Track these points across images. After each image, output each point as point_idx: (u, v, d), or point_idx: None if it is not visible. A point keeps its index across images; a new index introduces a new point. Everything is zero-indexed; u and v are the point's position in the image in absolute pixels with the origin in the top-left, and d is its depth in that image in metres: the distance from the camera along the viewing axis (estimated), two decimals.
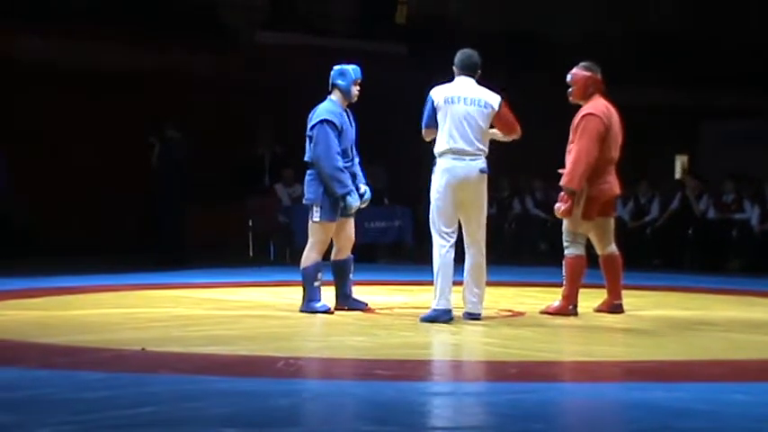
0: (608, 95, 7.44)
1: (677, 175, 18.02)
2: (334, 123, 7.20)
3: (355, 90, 7.37)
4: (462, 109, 6.75)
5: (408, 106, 7.57)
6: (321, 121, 7.20)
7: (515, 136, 6.98)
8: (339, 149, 7.21)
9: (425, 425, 4.04)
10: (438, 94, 6.83)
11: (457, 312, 6.85)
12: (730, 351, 5.88)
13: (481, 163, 6.77)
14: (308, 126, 7.32)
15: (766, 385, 4.82)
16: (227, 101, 15.63)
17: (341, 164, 7.22)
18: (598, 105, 7.29)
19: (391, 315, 7.36)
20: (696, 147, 18.21)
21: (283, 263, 13.78)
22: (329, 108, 7.29)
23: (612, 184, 7.39)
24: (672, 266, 12.79)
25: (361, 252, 10.81)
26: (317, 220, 7.31)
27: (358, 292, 7.73)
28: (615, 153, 7.37)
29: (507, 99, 6.91)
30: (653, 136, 16.29)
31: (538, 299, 8.17)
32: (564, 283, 7.32)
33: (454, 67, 6.93)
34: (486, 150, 6.82)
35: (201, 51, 15.64)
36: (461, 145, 6.72)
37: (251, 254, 14.36)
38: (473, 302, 6.85)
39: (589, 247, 7.47)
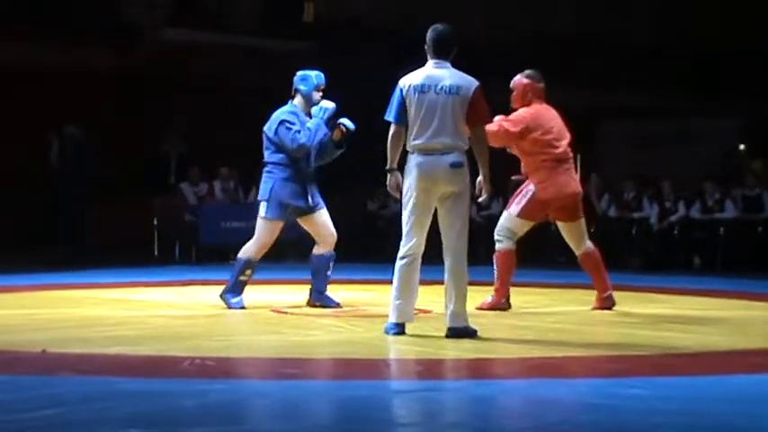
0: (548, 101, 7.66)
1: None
2: (291, 122, 7.43)
3: (317, 96, 7.54)
4: (434, 99, 6.00)
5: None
6: (280, 123, 7.44)
7: (478, 131, 6.11)
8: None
9: (332, 423, 4.06)
10: (406, 82, 6.09)
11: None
12: (629, 347, 6.02)
13: (454, 157, 6.00)
14: (268, 128, 7.50)
15: (663, 379, 4.95)
16: (129, 98, 15.43)
17: (304, 134, 7.36)
18: (527, 109, 7.52)
19: (299, 314, 7.37)
20: (593, 146, 18.57)
21: (189, 262, 13.69)
22: (286, 110, 7.54)
23: (562, 185, 7.51)
24: (573, 263, 13.01)
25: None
26: (263, 216, 7.49)
27: (262, 291, 7.75)
28: (560, 152, 7.51)
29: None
30: None
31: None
32: (495, 277, 7.52)
33: (426, 47, 6.17)
34: (465, 144, 6.08)
35: (104, 48, 15.41)
36: (433, 140, 6.00)
37: (156, 253, 14.22)
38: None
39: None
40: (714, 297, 9.13)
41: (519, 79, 7.64)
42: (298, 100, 7.57)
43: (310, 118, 7.55)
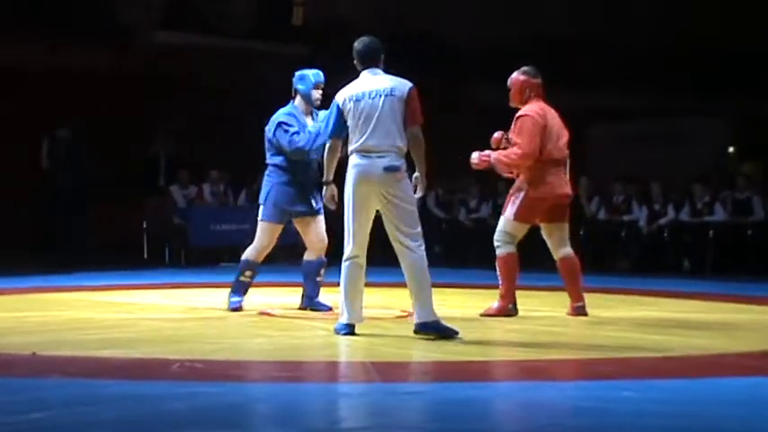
0: (546, 99, 7.61)
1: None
2: (288, 124, 7.39)
3: (316, 94, 7.50)
4: (369, 103, 6.13)
5: None
6: (278, 125, 7.42)
7: (413, 130, 6.16)
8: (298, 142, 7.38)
9: (322, 426, 4.06)
10: (342, 95, 6.27)
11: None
12: (619, 349, 6.03)
13: (389, 161, 6.10)
14: (268, 130, 7.48)
15: (654, 382, 4.96)
16: (123, 100, 15.42)
17: (303, 138, 7.32)
18: (533, 107, 7.46)
19: (287, 317, 7.36)
20: (584, 148, 18.63)
21: (178, 265, 13.67)
22: (284, 111, 7.49)
23: (554, 185, 7.47)
24: None
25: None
26: (260, 218, 7.55)
27: (252, 293, 7.75)
28: (556, 153, 7.48)
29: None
30: None
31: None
32: (500, 282, 7.47)
33: (355, 62, 6.36)
34: (403, 145, 6.14)
35: (98, 50, 15.41)
36: (370, 142, 6.11)
37: (145, 256, 14.20)
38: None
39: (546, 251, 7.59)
40: (703, 300, 9.16)
41: (516, 76, 7.60)
42: (298, 100, 7.51)
43: (312, 117, 7.49)
